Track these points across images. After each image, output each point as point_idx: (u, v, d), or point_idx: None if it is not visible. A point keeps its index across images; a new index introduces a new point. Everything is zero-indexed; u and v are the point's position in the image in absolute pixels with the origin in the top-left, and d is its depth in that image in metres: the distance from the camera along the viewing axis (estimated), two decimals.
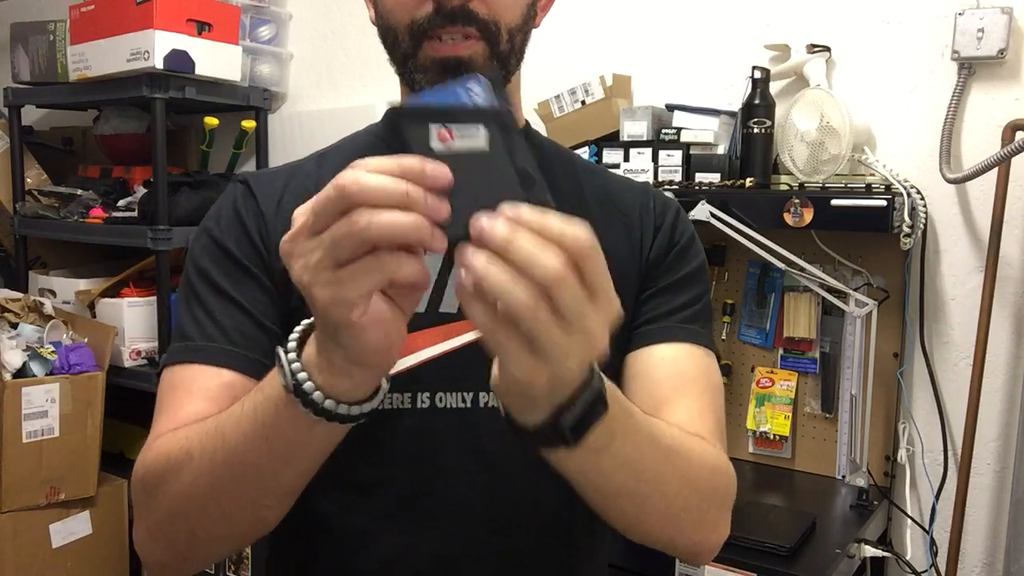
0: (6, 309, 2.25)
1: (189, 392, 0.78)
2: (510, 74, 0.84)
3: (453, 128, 0.51)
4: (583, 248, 0.48)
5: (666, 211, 0.92)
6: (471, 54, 0.79)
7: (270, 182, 0.88)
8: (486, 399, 0.83)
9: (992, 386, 1.69)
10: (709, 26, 1.96)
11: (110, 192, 2.51)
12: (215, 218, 0.87)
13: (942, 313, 1.74)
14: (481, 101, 0.54)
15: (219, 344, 0.80)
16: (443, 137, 0.51)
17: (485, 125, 0.52)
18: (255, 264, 0.83)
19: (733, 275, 1.92)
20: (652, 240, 0.90)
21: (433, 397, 0.83)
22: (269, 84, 2.52)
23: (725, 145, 1.83)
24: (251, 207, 0.85)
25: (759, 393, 1.88)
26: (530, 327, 0.47)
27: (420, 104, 0.54)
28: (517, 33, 0.83)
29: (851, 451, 1.73)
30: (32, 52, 2.52)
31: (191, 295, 0.84)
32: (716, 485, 0.76)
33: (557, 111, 1.98)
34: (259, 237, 0.84)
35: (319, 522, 0.85)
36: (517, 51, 0.84)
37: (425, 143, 0.51)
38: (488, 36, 0.80)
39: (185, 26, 2.20)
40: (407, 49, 0.81)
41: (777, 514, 1.61)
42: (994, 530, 1.71)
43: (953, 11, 1.65)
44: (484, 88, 0.55)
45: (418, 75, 0.81)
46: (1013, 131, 1.62)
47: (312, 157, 0.93)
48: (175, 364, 0.81)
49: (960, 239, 1.71)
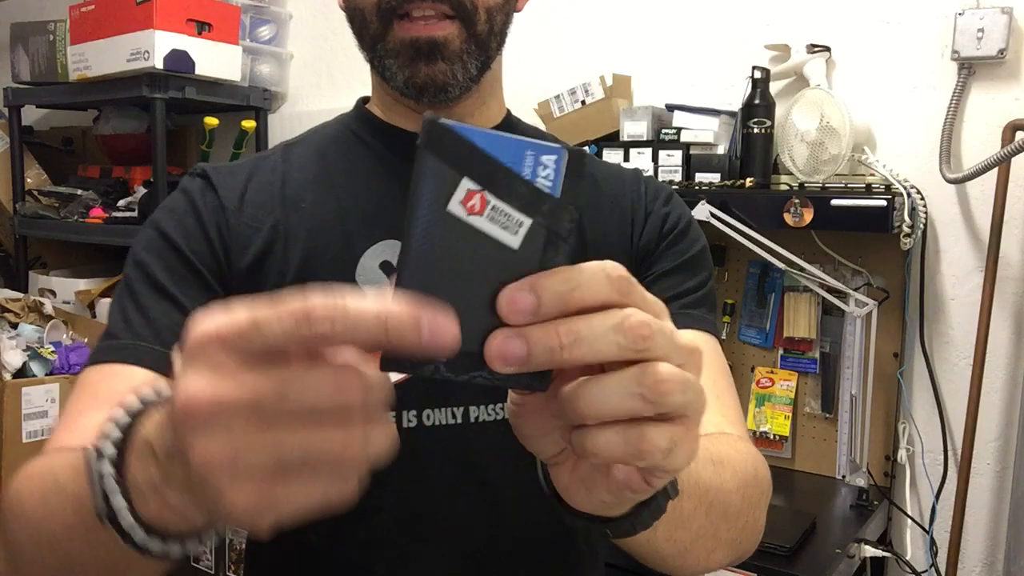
0: (6, 309, 2.25)
1: (95, 397, 0.66)
2: (490, 59, 0.79)
3: (492, 202, 0.37)
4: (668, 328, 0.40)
5: (657, 196, 0.87)
6: (446, 36, 0.74)
7: (231, 174, 0.81)
8: (477, 413, 0.77)
9: (992, 386, 1.69)
10: (709, 26, 1.96)
11: (110, 192, 2.51)
12: (167, 210, 0.79)
13: (942, 313, 1.74)
14: (548, 185, 0.38)
15: (148, 344, 0.71)
16: (471, 206, 0.37)
17: (535, 224, 0.38)
18: (205, 263, 0.76)
19: (733, 275, 1.92)
20: (643, 226, 0.85)
21: (420, 415, 0.76)
22: (269, 84, 2.52)
23: (725, 145, 1.83)
24: (210, 200, 0.78)
25: (759, 393, 1.88)
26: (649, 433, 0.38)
27: (468, 137, 0.37)
28: (497, 13, 0.77)
29: (851, 451, 1.73)
30: (32, 52, 2.52)
31: (124, 290, 0.75)
32: (754, 500, 0.70)
33: (557, 111, 1.98)
34: (217, 233, 0.77)
35: (307, 554, 0.79)
36: (497, 33, 0.78)
37: (441, 196, 0.36)
38: (463, 15, 0.74)
39: (185, 26, 2.20)
40: (376, 31, 0.75)
41: (777, 514, 1.61)
42: (994, 530, 1.71)
43: (953, 11, 1.65)
44: (559, 168, 0.38)
45: (389, 60, 0.76)
46: (1013, 131, 1.62)
47: (277, 149, 0.86)
48: (95, 364, 0.71)
49: (960, 239, 1.71)
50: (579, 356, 0.37)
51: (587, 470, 0.42)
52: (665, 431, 0.38)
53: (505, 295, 0.37)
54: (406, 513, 0.77)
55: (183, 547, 0.43)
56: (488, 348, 0.37)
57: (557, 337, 0.37)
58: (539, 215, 0.38)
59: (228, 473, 0.33)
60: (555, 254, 0.38)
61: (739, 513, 0.67)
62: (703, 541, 0.63)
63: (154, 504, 0.40)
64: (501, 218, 0.37)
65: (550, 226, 0.38)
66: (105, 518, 0.41)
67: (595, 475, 0.42)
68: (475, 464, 0.77)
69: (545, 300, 0.37)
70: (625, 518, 0.48)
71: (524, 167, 0.38)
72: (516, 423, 0.43)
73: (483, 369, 0.38)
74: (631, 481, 0.40)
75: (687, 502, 0.56)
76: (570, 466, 0.44)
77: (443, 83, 0.75)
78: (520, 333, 0.37)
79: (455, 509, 0.78)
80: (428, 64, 0.74)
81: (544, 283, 0.37)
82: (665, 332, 0.39)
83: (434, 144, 0.36)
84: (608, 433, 0.38)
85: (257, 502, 0.34)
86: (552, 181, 0.38)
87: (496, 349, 0.37)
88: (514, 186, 0.37)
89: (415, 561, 0.78)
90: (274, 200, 0.79)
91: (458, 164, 0.36)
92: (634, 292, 0.39)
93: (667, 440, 0.38)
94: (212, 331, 0.34)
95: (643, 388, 0.37)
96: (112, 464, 0.41)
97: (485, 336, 0.37)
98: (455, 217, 0.37)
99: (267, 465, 0.34)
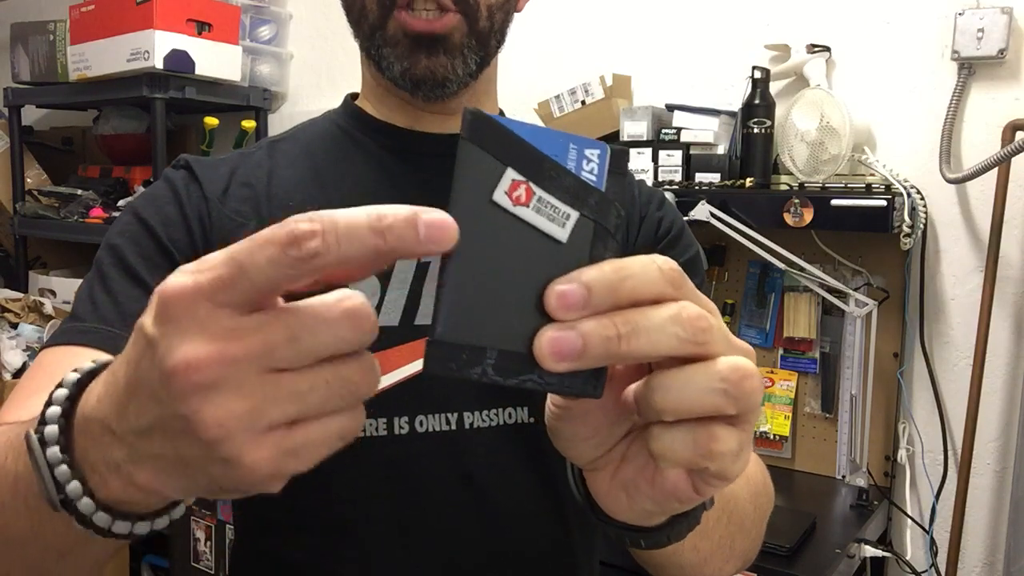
0: (6, 309, 2.25)
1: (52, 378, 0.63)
2: (489, 56, 0.77)
3: (538, 193, 0.36)
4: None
5: (650, 201, 0.85)
6: (448, 30, 0.72)
7: (214, 167, 0.79)
8: (471, 419, 0.74)
9: (992, 386, 1.68)
10: (709, 26, 1.96)
11: (110, 192, 2.51)
12: (147, 197, 0.77)
13: (942, 313, 1.74)
14: (593, 179, 0.37)
15: (114, 328, 0.67)
16: (517, 196, 0.35)
17: (583, 216, 0.36)
18: (182, 252, 0.72)
19: (733, 275, 1.92)
20: (638, 230, 0.83)
21: (412, 421, 0.73)
22: (269, 84, 2.52)
23: (725, 145, 1.83)
24: (194, 191, 0.76)
25: None
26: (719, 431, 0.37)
27: (511, 130, 0.36)
28: (498, 11, 0.75)
29: (851, 451, 1.73)
30: (32, 52, 2.52)
31: (95, 274, 0.72)
32: (764, 509, 0.71)
33: (557, 111, 1.98)
34: (198, 223, 0.74)
35: (288, 572, 0.76)
36: (498, 31, 0.76)
37: (485, 187, 0.35)
38: (466, 10, 0.72)
39: (185, 26, 2.20)
40: (375, 20, 0.73)
41: (777, 514, 1.59)
42: (994, 530, 1.71)
43: (953, 11, 1.65)
44: (603, 164, 0.37)
45: (387, 50, 0.73)
46: (1013, 131, 1.62)
47: (262, 144, 0.83)
48: (55, 344, 0.68)
49: (960, 239, 1.71)
50: (637, 348, 0.35)
51: (632, 476, 0.41)
52: (735, 433, 0.37)
53: (555, 288, 0.35)
54: (396, 525, 0.74)
55: (151, 525, 0.40)
56: (539, 344, 0.35)
57: (614, 327, 0.35)
58: (586, 208, 0.36)
59: (246, 431, 0.31)
60: (604, 249, 0.37)
61: (753, 524, 0.67)
62: (721, 552, 0.62)
63: (116, 484, 0.37)
64: (548, 210, 0.36)
65: (598, 220, 0.37)
66: (59, 505, 0.38)
67: (640, 482, 0.40)
68: (470, 472, 0.74)
69: (596, 292, 0.35)
70: (661, 528, 0.46)
71: (568, 160, 0.37)
72: (557, 426, 0.41)
73: (534, 371, 0.35)
74: (679, 489, 0.39)
75: (713, 512, 0.55)
76: (611, 472, 0.42)
77: (443, 77, 0.73)
78: (573, 326, 0.35)
79: (448, 520, 0.74)
80: (429, 56, 0.72)
81: (595, 275, 0.35)
82: (722, 328, 0.37)
83: (477, 135, 0.35)
84: (677, 432, 0.36)
85: (279, 454, 0.32)
86: (597, 176, 0.37)
87: (548, 344, 0.34)
88: (560, 178, 0.36)
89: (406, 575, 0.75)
90: (259, 197, 0.77)
91: (502, 154, 0.35)
92: (686, 286, 0.37)
93: (737, 442, 0.37)
94: (189, 286, 0.31)
95: (727, 383, 0.36)
96: (60, 449, 0.38)
97: (534, 335, 0.35)
98: (500, 208, 0.35)
99: (287, 414, 0.32)
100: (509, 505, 0.76)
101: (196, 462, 0.33)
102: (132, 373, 0.34)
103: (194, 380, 0.31)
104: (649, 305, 0.36)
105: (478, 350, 0.35)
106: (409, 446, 0.73)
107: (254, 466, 0.32)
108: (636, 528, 0.46)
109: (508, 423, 0.75)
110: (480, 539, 0.75)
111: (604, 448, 0.41)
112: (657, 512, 0.43)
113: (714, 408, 0.36)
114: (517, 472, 0.76)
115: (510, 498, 0.75)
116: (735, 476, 0.38)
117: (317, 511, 0.73)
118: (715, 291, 1.93)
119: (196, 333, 0.31)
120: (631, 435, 0.41)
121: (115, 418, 0.35)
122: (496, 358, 0.35)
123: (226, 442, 0.31)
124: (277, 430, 0.32)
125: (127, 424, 0.35)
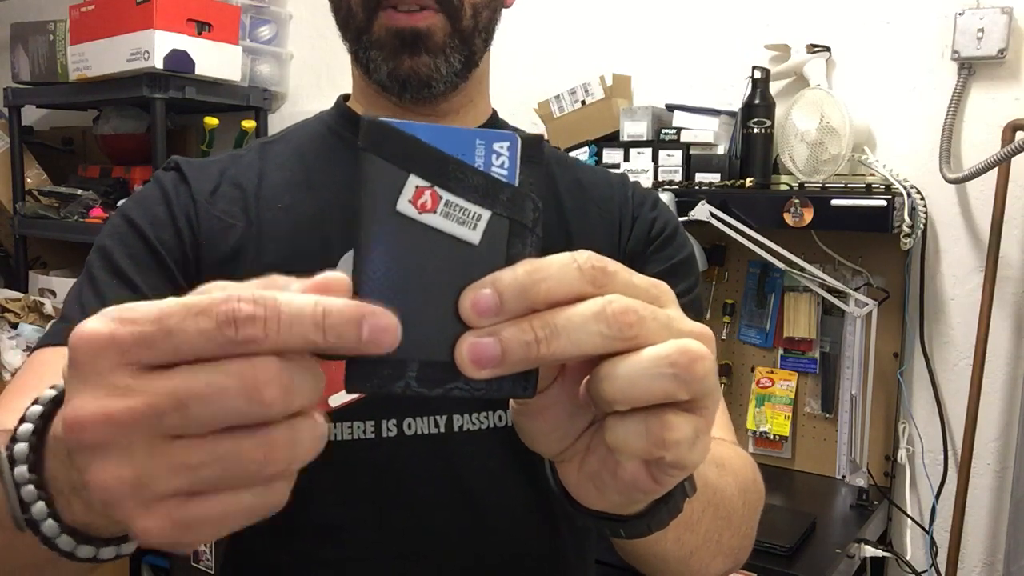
0: (6, 309, 2.25)
1: (41, 379, 0.60)
2: (475, 55, 0.77)
3: (444, 196, 0.34)
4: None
5: (644, 201, 0.85)
6: (429, 26, 0.72)
7: (204, 168, 0.79)
8: (461, 422, 0.74)
9: (992, 386, 1.69)
10: (709, 26, 1.96)
11: (110, 192, 2.51)
12: (137, 199, 0.77)
13: (942, 313, 1.74)
14: (504, 174, 0.35)
15: None
16: (423, 203, 0.34)
17: (495, 215, 0.35)
18: (170, 252, 0.73)
19: (733, 275, 1.92)
20: (630, 230, 0.83)
21: (400, 424, 0.72)
22: (269, 84, 2.52)
23: (725, 145, 1.83)
24: (183, 192, 0.76)
25: (759, 393, 1.87)
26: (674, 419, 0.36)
27: (411, 133, 0.34)
28: (483, 9, 0.75)
29: (851, 451, 1.73)
30: (32, 52, 2.52)
31: (84, 276, 0.73)
32: (754, 505, 0.70)
33: (557, 111, 1.98)
34: (187, 224, 0.74)
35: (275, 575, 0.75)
36: (483, 30, 0.76)
37: (389, 197, 0.34)
38: (448, 8, 0.72)
39: (185, 26, 2.20)
40: (361, 22, 0.74)
41: (777, 514, 1.61)
42: (994, 530, 1.71)
43: (953, 11, 1.65)
44: (514, 155, 0.35)
45: (373, 52, 0.74)
46: (1013, 131, 1.62)
47: (253, 146, 0.83)
48: (44, 346, 0.69)
49: (960, 239, 1.71)
50: (559, 350, 0.34)
51: (596, 468, 0.40)
52: (689, 420, 0.36)
53: (466, 296, 0.34)
54: (385, 529, 0.73)
55: (117, 549, 0.39)
56: (458, 353, 0.34)
57: (531, 331, 0.34)
58: (498, 205, 0.35)
59: (133, 499, 0.30)
60: (522, 247, 0.35)
61: (741, 520, 0.66)
62: (708, 546, 0.62)
63: (78, 507, 0.36)
64: (457, 213, 0.34)
65: (512, 216, 0.35)
66: (25, 525, 0.37)
67: (603, 473, 0.40)
68: (459, 476, 0.74)
69: (508, 296, 0.34)
70: (641, 517, 0.45)
71: (476, 157, 0.35)
72: (520, 422, 0.41)
73: (459, 379, 0.35)
74: (638, 480, 0.38)
75: (696, 503, 0.53)
76: (577, 463, 0.41)
77: (426, 76, 0.74)
78: (491, 332, 0.34)
79: (437, 524, 0.74)
80: (411, 56, 0.73)
81: (506, 278, 0.34)
82: (658, 318, 0.35)
83: (375, 144, 0.34)
84: (630, 423, 0.35)
85: (172, 526, 0.30)
86: (508, 169, 0.35)
87: (467, 352, 0.34)
88: (467, 177, 0.35)
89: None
90: (248, 198, 0.77)
91: (403, 161, 0.34)
92: (613, 281, 0.36)
93: (692, 429, 0.36)
94: (105, 336, 0.30)
95: (676, 367, 0.34)
96: (29, 468, 0.36)
97: (455, 343, 0.34)
98: (406, 217, 0.34)
99: (177, 486, 0.30)
100: (498, 508, 0.75)
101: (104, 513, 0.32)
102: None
103: (81, 438, 0.30)
104: (570, 304, 0.34)
105: (399, 364, 0.34)
106: (398, 449, 0.72)
107: (146, 533, 0.30)
108: (615, 518, 0.45)
109: (498, 426, 0.75)
110: (468, 541, 0.75)
111: (568, 441, 0.41)
112: (626, 503, 0.42)
113: (664, 394, 0.35)
114: (506, 475, 0.76)
115: (499, 501, 0.75)
116: (694, 465, 0.37)
117: (304, 514, 0.73)
118: (715, 291, 1.93)
119: (92, 387, 0.30)
120: (594, 426, 0.40)
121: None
122: (418, 370, 0.34)
123: (114, 506, 0.30)
124: (169, 500, 0.30)
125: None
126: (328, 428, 0.33)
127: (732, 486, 0.65)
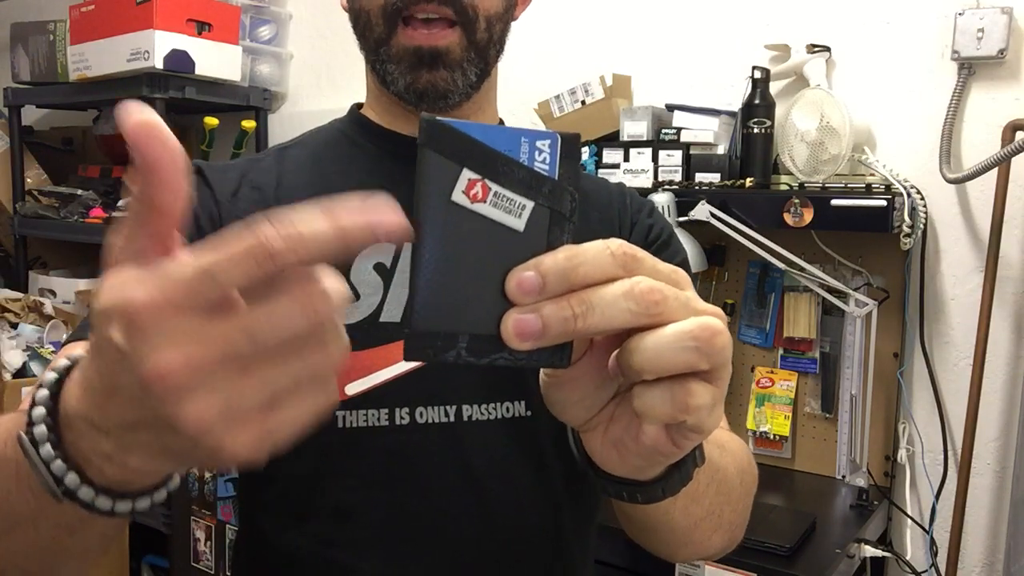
0: (6, 309, 2.25)
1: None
2: (489, 67, 0.81)
3: (493, 188, 0.39)
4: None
5: (641, 209, 0.90)
6: (448, 44, 0.75)
7: (225, 172, 0.82)
8: (470, 412, 0.77)
9: (992, 386, 1.69)
10: (709, 26, 1.96)
11: (110, 192, 2.51)
12: None
13: (942, 313, 1.74)
14: (546, 168, 0.40)
15: None
16: (474, 194, 0.38)
17: (538, 205, 0.40)
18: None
19: (733, 275, 1.92)
20: (629, 235, 0.86)
21: (413, 412, 0.76)
22: (269, 84, 2.52)
23: (725, 145, 1.83)
24: (205, 194, 0.79)
25: (759, 393, 1.87)
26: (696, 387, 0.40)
27: (464, 131, 0.39)
28: (496, 22, 0.79)
29: (851, 451, 1.73)
30: (32, 52, 2.53)
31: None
32: (749, 487, 0.73)
33: (557, 111, 1.98)
34: (209, 223, 0.77)
35: (289, 558, 0.78)
36: (496, 42, 0.80)
37: (444, 189, 0.38)
38: (465, 22, 0.76)
39: (185, 26, 2.20)
40: (381, 34, 0.77)
41: (777, 514, 1.61)
42: (994, 530, 1.71)
43: (953, 11, 1.65)
44: (555, 152, 0.40)
45: (391, 65, 0.77)
46: (1013, 131, 1.62)
47: (271, 152, 0.87)
48: (76, 340, 0.71)
49: (960, 239, 1.71)
50: (594, 324, 0.39)
51: (619, 435, 0.45)
52: (708, 389, 0.40)
53: (512, 277, 0.39)
54: (395, 513, 0.77)
55: (151, 498, 0.43)
56: (504, 327, 0.39)
57: (569, 307, 0.38)
58: (540, 197, 0.40)
59: (223, 426, 0.34)
60: (560, 233, 0.40)
61: (739, 498, 0.70)
62: (710, 519, 0.66)
63: (111, 471, 0.39)
64: (504, 203, 0.39)
65: (552, 206, 0.40)
66: (62, 496, 0.40)
67: (626, 439, 0.44)
68: (468, 463, 0.77)
69: (550, 278, 0.39)
70: (656, 483, 0.49)
71: (521, 154, 0.40)
72: (549, 392, 0.45)
73: (503, 350, 0.39)
74: (659, 443, 0.43)
75: (702, 476, 0.58)
76: (602, 431, 0.46)
77: (444, 90, 0.77)
78: (533, 308, 0.38)
79: (446, 509, 0.77)
80: (430, 71, 0.76)
81: (548, 262, 0.39)
82: (680, 297, 0.40)
83: (433, 141, 0.38)
84: (656, 390, 0.40)
85: (256, 439, 0.34)
86: (549, 164, 0.40)
87: (512, 327, 0.38)
88: (513, 172, 0.39)
89: (404, 562, 0.77)
90: (268, 201, 0.80)
91: (457, 156, 0.38)
92: (641, 265, 0.40)
93: (711, 397, 0.40)
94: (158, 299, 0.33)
95: (698, 340, 0.39)
96: (52, 445, 0.40)
97: (500, 319, 0.39)
98: (460, 206, 0.38)
99: (260, 402, 0.34)
100: (505, 495, 0.78)
101: (183, 450, 0.36)
102: (108, 379, 0.36)
103: (170, 386, 0.33)
104: (603, 284, 0.39)
105: (451, 336, 0.39)
106: (410, 436, 0.76)
107: (236, 450, 0.34)
108: (632, 483, 0.50)
109: (506, 416, 0.78)
110: (476, 526, 0.78)
111: (594, 410, 0.45)
112: (645, 466, 0.48)
113: (687, 364, 0.39)
114: (514, 463, 0.79)
115: (506, 488, 0.78)
116: (710, 429, 0.42)
117: (317, 498, 0.76)
118: (715, 291, 1.93)
119: (166, 342, 0.33)
120: (618, 397, 0.45)
121: (97, 416, 0.38)
122: (468, 342, 0.39)
123: (208, 435, 0.34)
124: (254, 416, 0.34)
125: (110, 421, 0.37)
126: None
127: (731, 466, 0.69)
